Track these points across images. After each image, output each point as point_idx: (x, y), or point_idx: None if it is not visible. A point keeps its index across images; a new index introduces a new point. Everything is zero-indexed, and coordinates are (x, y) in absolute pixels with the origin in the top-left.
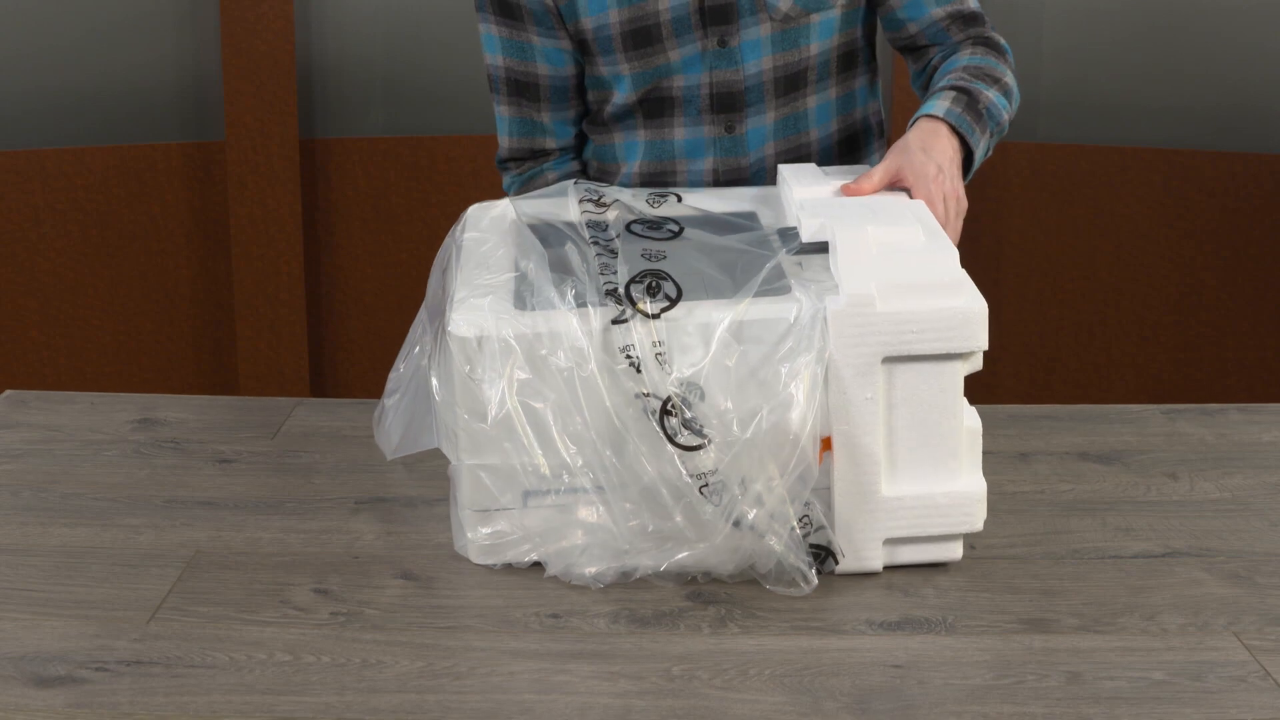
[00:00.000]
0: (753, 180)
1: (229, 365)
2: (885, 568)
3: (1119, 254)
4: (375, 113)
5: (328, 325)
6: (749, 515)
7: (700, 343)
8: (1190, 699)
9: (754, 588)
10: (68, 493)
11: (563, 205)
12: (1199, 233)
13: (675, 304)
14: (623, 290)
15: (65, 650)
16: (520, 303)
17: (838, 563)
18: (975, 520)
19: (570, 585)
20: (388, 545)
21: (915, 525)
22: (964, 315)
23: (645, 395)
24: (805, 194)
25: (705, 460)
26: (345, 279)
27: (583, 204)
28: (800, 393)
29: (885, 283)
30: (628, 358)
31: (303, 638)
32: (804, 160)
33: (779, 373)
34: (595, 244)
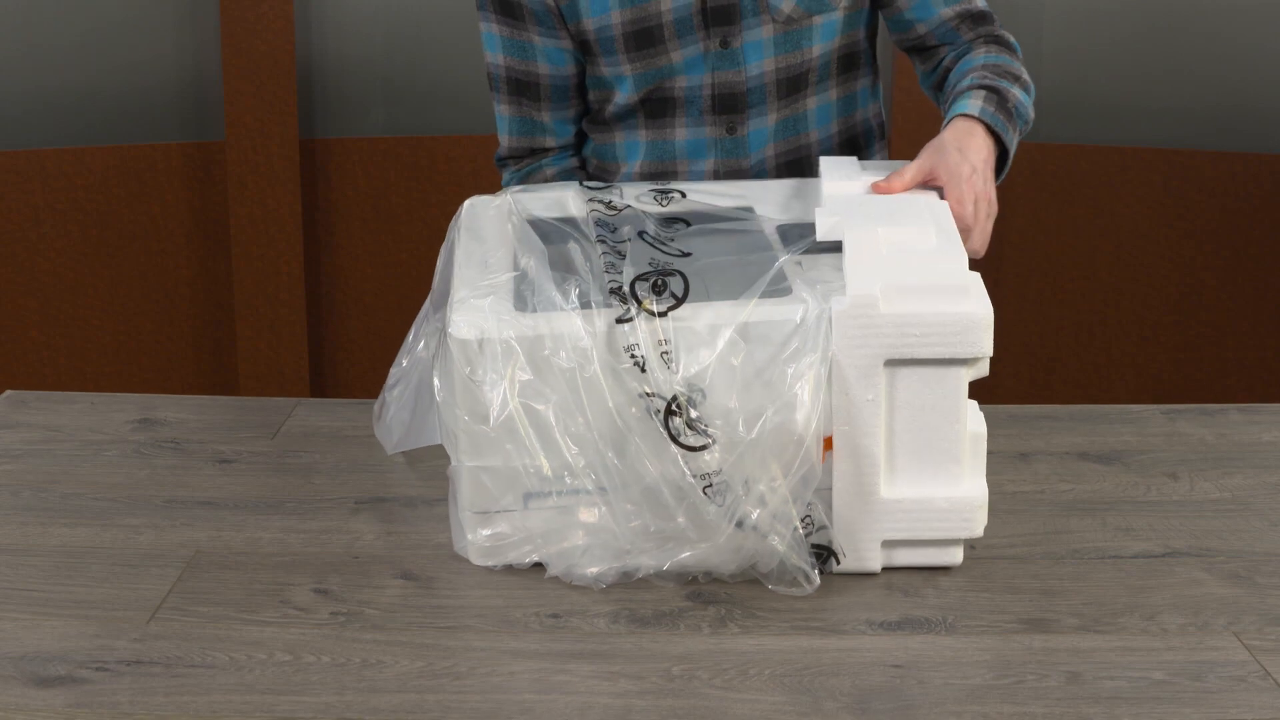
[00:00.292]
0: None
1: (229, 365)
2: (885, 569)
3: (1119, 254)
4: (375, 113)
5: (328, 325)
6: (752, 515)
7: (706, 342)
8: (1190, 699)
9: (754, 588)
10: (68, 493)
11: (564, 202)
12: (1199, 233)
13: (681, 303)
14: (628, 288)
15: (65, 650)
16: (521, 302)
17: (839, 562)
18: (975, 526)
19: (570, 585)
20: (388, 545)
21: (914, 528)
22: (968, 321)
23: (649, 395)
24: (832, 189)
25: (709, 461)
26: (345, 279)
27: (591, 203)
28: (805, 393)
29: (890, 284)
30: (631, 357)
31: (303, 638)
32: (804, 161)
33: (784, 373)
34: (602, 242)
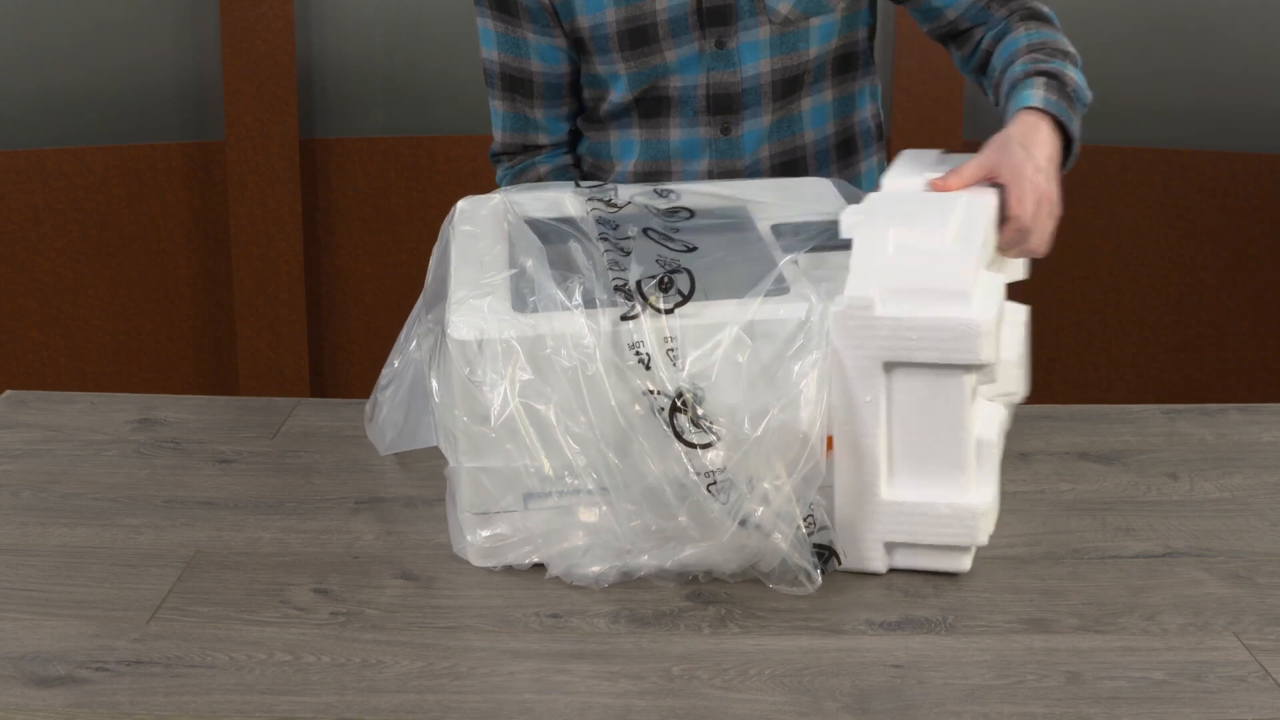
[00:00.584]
0: None
1: (229, 365)
2: (889, 570)
3: (1119, 254)
4: (375, 113)
5: (328, 325)
6: (756, 513)
7: (712, 339)
8: (1190, 699)
9: (754, 588)
10: (68, 493)
11: (560, 202)
12: (1199, 233)
13: (687, 300)
14: (634, 286)
15: (65, 650)
16: (520, 301)
17: (840, 563)
18: (977, 534)
19: (570, 585)
20: (388, 545)
21: (915, 532)
22: (965, 327)
23: (653, 393)
24: (890, 184)
25: (713, 458)
26: (345, 279)
27: (592, 202)
28: (810, 391)
29: (889, 287)
30: (636, 354)
31: (303, 638)
32: (799, 162)
33: (790, 371)
34: (604, 239)
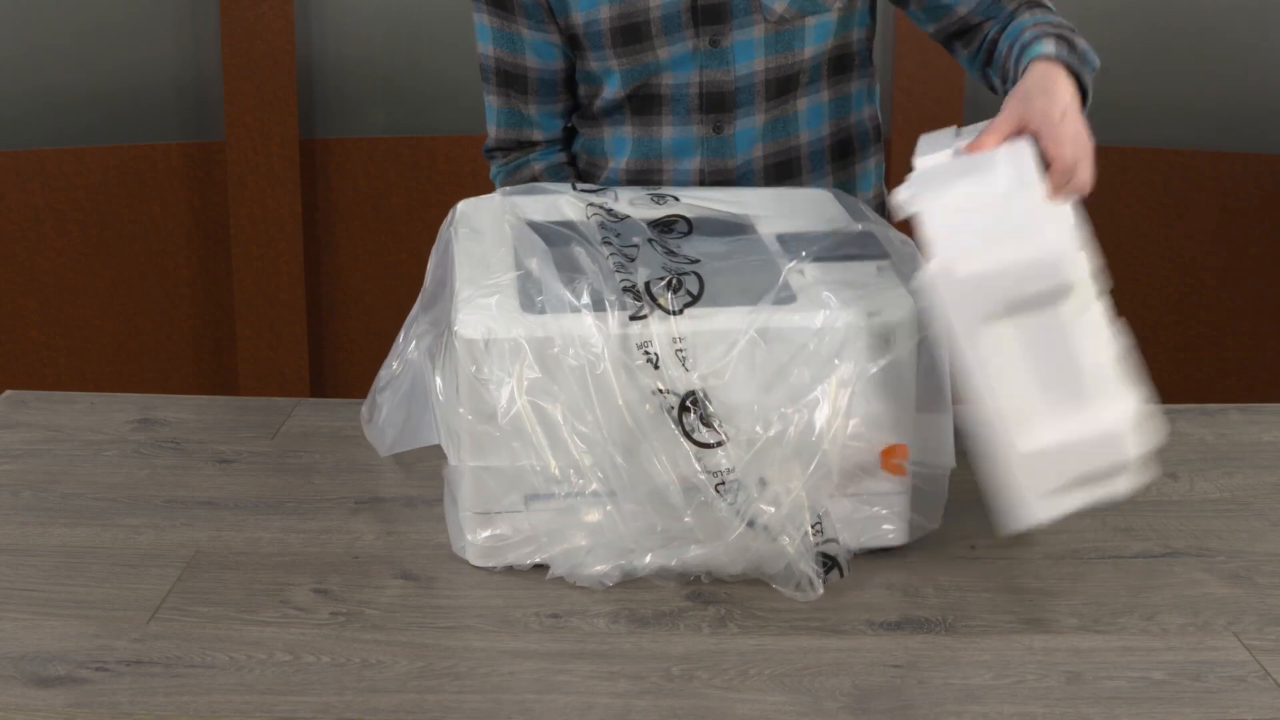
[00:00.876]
0: (740, 182)
1: (229, 365)
2: (1022, 530)
3: (1119, 254)
4: (375, 113)
5: (328, 325)
6: (764, 515)
7: (722, 341)
8: (1190, 699)
9: (754, 588)
10: (68, 493)
11: (560, 206)
12: (1199, 233)
13: (697, 300)
14: (642, 287)
15: (65, 650)
16: (527, 301)
17: (843, 575)
18: (1125, 451)
19: (570, 585)
20: (388, 545)
21: (1064, 472)
22: (1047, 255)
23: (662, 392)
24: (921, 164)
25: (722, 458)
26: (345, 279)
27: (591, 208)
28: (824, 396)
29: (967, 245)
30: (645, 354)
31: (303, 638)
32: (793, 163)
33: (803, 375)
34: (607, 244)
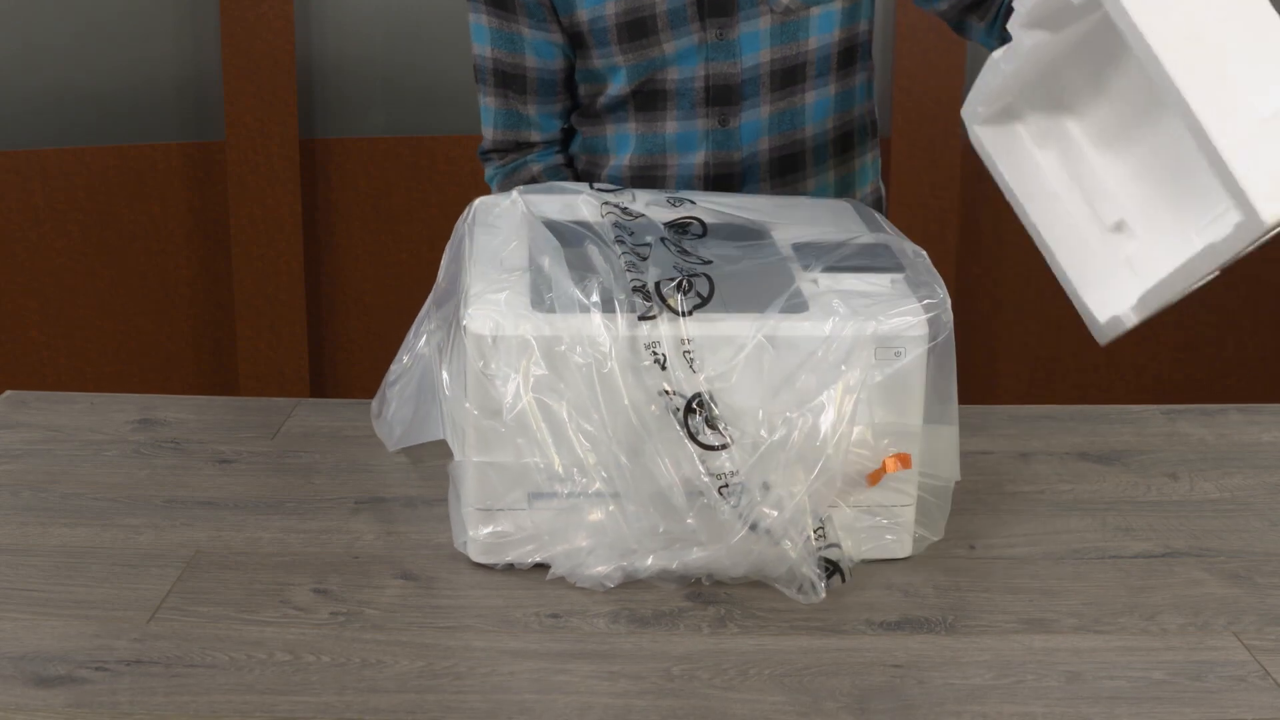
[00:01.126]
0: (745, 175)
1: (229, 365)
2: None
3: None
4: (375, 113)
5: (328, 325)
6: (767, 519)
7: (730, 345)
8: (1190, 699)
9: (754, 588)
10: (68, 493)
11: (576, 205)
12: None
13: (706, 303)
14: (652, 287)
15: (65, 650)
16: (538, 298)
17: (845, 581)
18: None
19: (570, 585)
20: (388, 545)
21: None
22: None
23: (668, 393)
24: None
25: (726, 461)
26: (345, 279)
27: (606, 206)
28: (830, 402)
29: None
30: (653, 354)
31: (303, 638)
32: (798, 157)
33: (810, 381)
34: (620, 243)
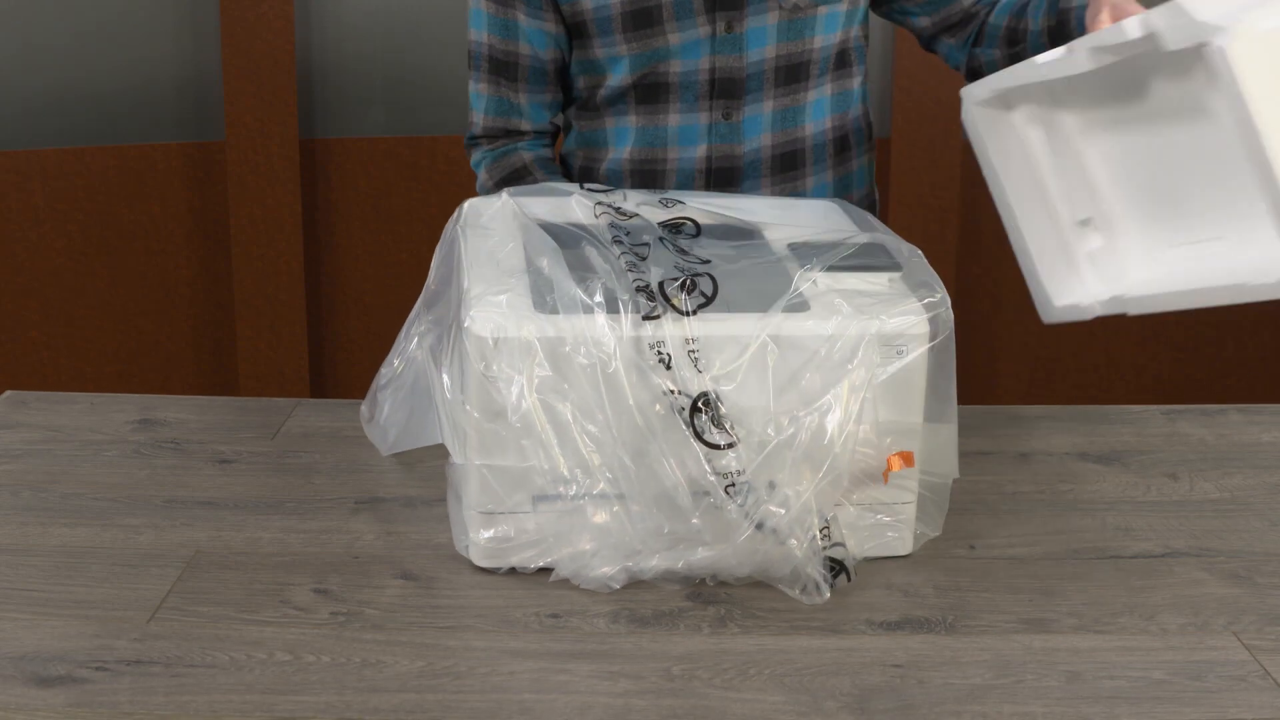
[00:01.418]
0: (746, 171)
1: (229, 365)
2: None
3: None
4: (375, 113)
5: (328, 325)
6: (773, 518)
7: (735, 345)
8: (1190, 699)
9: (754, 588)
10: (68, 493)
11: (568, 206)
12: None
13: (710, 302)
14: (655, 287)
15: (65, 650)
16: (539, 299)
17: (850, 580)
18: None
19: (570, 585)
20: (388, 545)
21: None
22: None
23: (673, 393)
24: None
25: (733, 460)
26: (345, 279)
27: (599, 206)
28: (836, 401)
29: None
30: (658, 354)
31: (303, 638)
32: (799, 155)
33: (815, 381)
34: (618, 243)
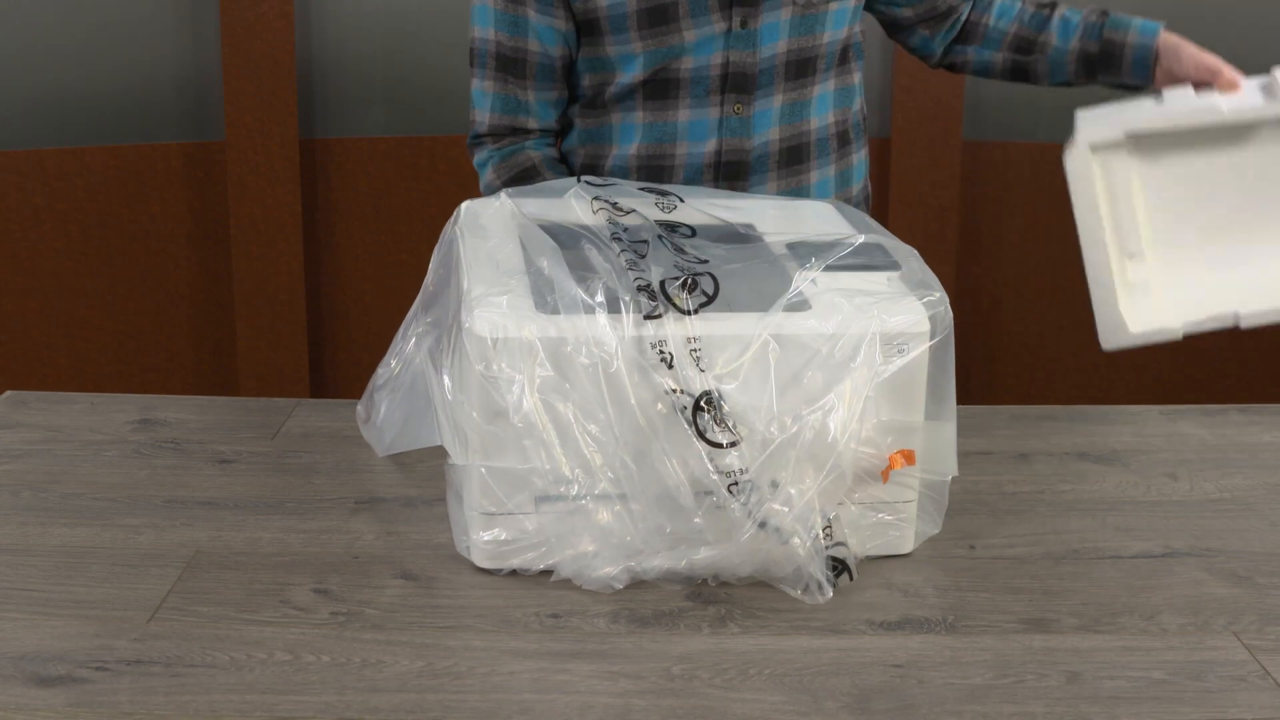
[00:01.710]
0: (754, 165)
1: (229, 365)
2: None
3: None
4: (375, 113)
5: (328, 325)
6: (776, 516)
7: (737, 342)
8: (1190, 699)
9: (754, 588)
10: (68, 493)
11: (566, 204)
12: None
13: (712, 301)
14: (657, 286)
15: (65, 650)
16: (540, 300)
17: (852, 579)
18: None
19: (571, 585)
20: (388, 545)
21: None
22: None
23: (676, 392)
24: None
25: (735, 459)
26: (345, 279)
27: (597, 202)
28: (839, 400)
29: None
30: (659, 353)
31: (303, 637)
32: (804, 149)
33: (817, 379)
34: (617, 240)
